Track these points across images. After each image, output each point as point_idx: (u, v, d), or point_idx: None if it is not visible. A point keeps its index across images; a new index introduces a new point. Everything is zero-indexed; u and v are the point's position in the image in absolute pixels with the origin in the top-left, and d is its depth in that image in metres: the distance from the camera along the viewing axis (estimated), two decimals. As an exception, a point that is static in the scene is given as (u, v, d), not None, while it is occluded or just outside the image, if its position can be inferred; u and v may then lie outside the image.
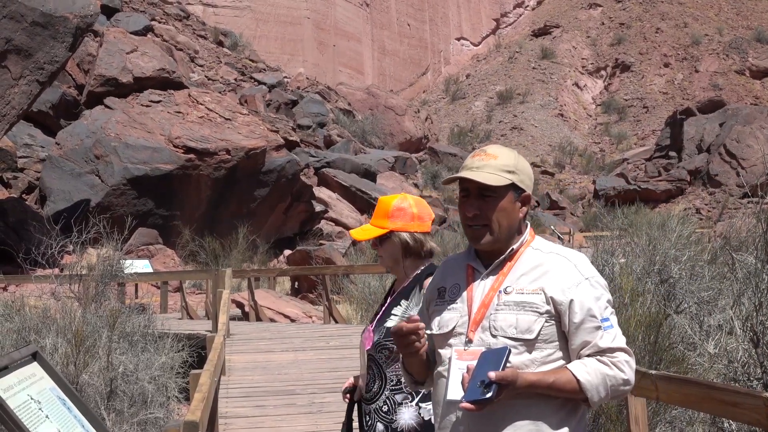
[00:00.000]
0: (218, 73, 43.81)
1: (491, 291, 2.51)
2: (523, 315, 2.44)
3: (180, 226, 25.47)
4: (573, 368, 2.41)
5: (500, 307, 2.46)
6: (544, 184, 58.67)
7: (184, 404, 9.29)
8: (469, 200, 2.51)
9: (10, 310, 10.46)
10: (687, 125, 48.65)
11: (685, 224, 10.48)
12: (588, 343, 2.45)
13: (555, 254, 2.54)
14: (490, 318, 2.46)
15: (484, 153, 2.55)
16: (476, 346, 2.46)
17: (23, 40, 19.84)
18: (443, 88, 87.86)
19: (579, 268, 2.51)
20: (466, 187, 2.52)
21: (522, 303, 2.45)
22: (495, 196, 2.50)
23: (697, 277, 8.31)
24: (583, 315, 2.45)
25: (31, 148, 28.71)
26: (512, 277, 2.51)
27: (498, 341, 2.43)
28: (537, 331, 2.43)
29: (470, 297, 2.54)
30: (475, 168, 2.50)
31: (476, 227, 2.51)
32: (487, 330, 2.46)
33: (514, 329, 2.43)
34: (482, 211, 2.50)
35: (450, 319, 2.55)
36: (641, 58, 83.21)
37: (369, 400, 3.32)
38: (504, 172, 2.50)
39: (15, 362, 3.55)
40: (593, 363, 2.43)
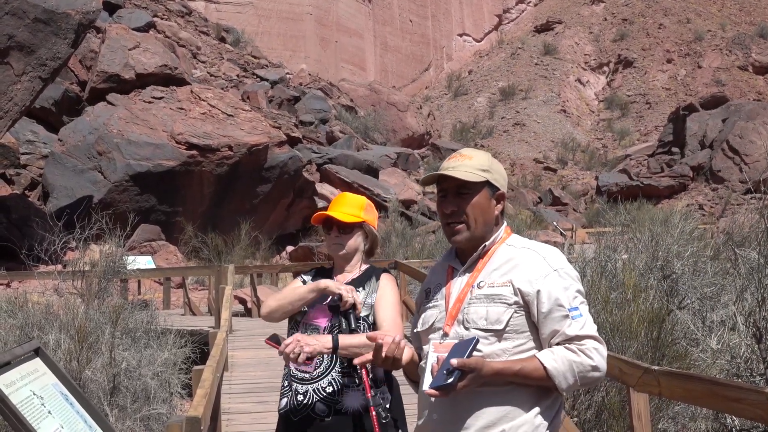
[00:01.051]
0: (220, 69, 43.78)
1: (466, 286, 2.64)
2: (493, 307, 2.56)
3: (182, 223, 25.48)
4: (540, 356, 2.50)
5: (473, 300, 2.59)
6: (546, 180, 58.62)
7: (187, 400, 9.31)
8: (447, 198, 2.65)
9: (13, 306, 10.48)
10: (690, 121, 48.55)
11: (688, 220, 10.46)
12: (557, 331, 2.53)
13: (526, 249, 2.66)
14: (464, 311, 2.60)
15: (459, 155, 2.70)
16: (451, 338, 2.58)
17: (25, 36, 19.83)
18: (445, 84, 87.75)
19: (548, 260, 2.61)
20: (444, 188, 2.66)
21: (492, 295, 2.57)
22: (470, 193, 2.63)
23: (699, 273, 8.30)
24: (551, 305, 2.53)
25: (34, 145, 28.73)
26: (485, 272, 2.64)
27: (470, 333, 2.55)
28: (505, 322, 2.54)
29: (448, 294, 2.67)
30: (451, 168, 2.64)
31: (453, 224, 2.64)
32: (461, 323, 2.59)
33: (484, 320, 2.55)
34: (459, 207, 2.63)
35: (430, 316, 2.70)
36: (644, 54, 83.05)
37: (309, 380, 3.34)
38: (478, 170, 2.64)
39: (17, 358, 3.55)
40: (560, 350, 2.51)
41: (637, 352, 6.28)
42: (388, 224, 27.93)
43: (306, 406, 3.31)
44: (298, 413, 3.33)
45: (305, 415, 3.32)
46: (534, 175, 59.34)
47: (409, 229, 27.68)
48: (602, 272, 7.72)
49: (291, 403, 3.37)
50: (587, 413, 6.57)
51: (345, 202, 3.49)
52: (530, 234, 27.62)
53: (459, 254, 2.74)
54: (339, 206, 3.47)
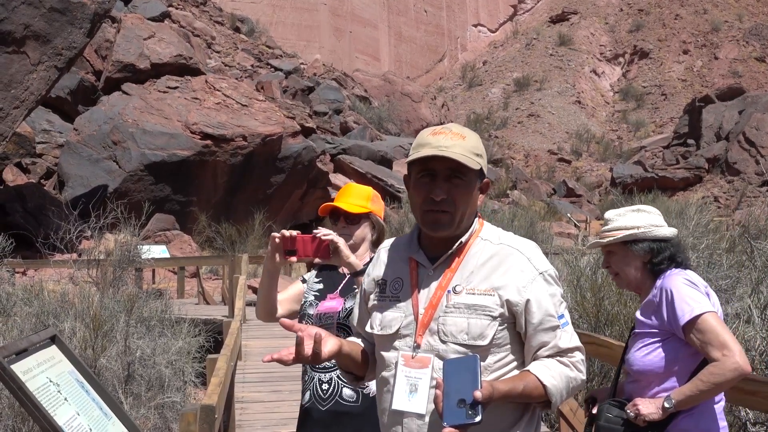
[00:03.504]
0: (235, 59, 43.83)
1: (439, 290, 2.28)
2: (475, 319, 2.23)
3: (197, 212, 25.58)
4: (538, 373, 2.23)
5: (450, 309, 2.24)
6: (560, 172, 58.45)
7: (201, 389, 9.36)
8: (437, 182, 2.25)
9: (29, 294, 10.55)
10: (706, 113, 48.25)
11: (703, 212, 10.42)
12: (546, 343, 2.28)
13: (506, 246, 2.33)
14: (439, 321, 2.24)
15: (450, 131, 2.29)
16: (424, 352, 2.24)
17: (41, 26, 19.90)
18: (460, 75, 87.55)
19: (532, 261, 2.31)
20: (432, 168, 2.26)
21: (474, 306, 2.24)
22: (464, 180, 2.27)
23: (715, 266, 8.27)
24: (542, 315, 2.27)
25: (50, 134, 28.87)
26: (461, 274, 2.30)
27: (448, 348, 2.22)
28: (490, 337, 2.23)
29: (415, 296, 2.31)
30: (444, 147, 2.23)
31: (440, 212, 2.26)
32: (436, 334, 2.24)
33: (465, 335, 2.22)
34: (450, 195, 2.26)
35: (393, 319, 2.31)
36: (660, 45, 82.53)
37: (331, 368, 3.24)
38: (473, 155, 2.27)
39: (34, 345, 3.58)
40: (556, 365, 2.27)
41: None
42: (401, 215, 27.92)
43: (332, 394, 3.23)
44: (325, 403, 3.24)
45: (333, 402, 3.22)
46: (548, 167, 59.19)
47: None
48: (616, 264, 7.69)
49: (315, 394, 3.27)
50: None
51: (352, 192, 3.46)
52: (544, 225, 27.56)
53: (423, 246, 2.36)
54: (346, 197, 3.46)
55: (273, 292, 3.32)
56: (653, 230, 3.28)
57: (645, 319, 3.22)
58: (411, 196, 2.34)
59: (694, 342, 3.05)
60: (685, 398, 3.03)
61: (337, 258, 3.15)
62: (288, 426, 7.22)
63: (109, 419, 3.83)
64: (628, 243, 3.29)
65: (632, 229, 3.30)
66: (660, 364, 3.13)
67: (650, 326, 3.19)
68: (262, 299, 3.32)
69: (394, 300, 2.35)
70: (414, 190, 2.30)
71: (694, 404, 3.05)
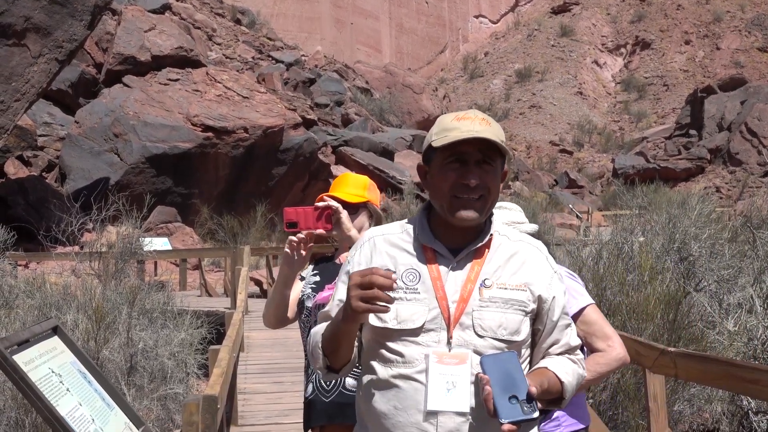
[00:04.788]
0: (236, 51, 43.77)
1: (469, 282, 2.20)
2: (511, 314, 2.19)
3: (198, 204, 25.60)
4: (556, 370, 2.22)
5: (485, 303, 2.18)
6: (562, 163, 58.40)
7: (203, 380, 9.37)
8: (468, 168, 2.19)
9: (32, 286, 10.56)
10: (708, 103, 48.17)
11: (706, 203, 10.41)
12: (558, 341, 2.29)
13: (524, 243, 2.31)
14: (473, 315, 2.17)
15: (475, 116, 2.24)
16: (458, 347, 2.15)
17: (42, 18, 19.87)
18: (461, 66, 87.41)
19: (549, 260, 2.32)
20: (462, 152, 2.19)
21: (509, 300, 2.19)
22: (494, 166, 2.23)
23: (717, 256, 8.26)
24: (560, 313, 2.28)
25: (51, 127, 28.87)
26: (489, 268, 2.23)
27: (486, 342, 2.15)
28: (525, 333, 2.22)
29: (440, 287, 2.19)
30: (476, 131, 2.18)
31: (473, 199, 2.20)
32: (470, 329, 2.16)
33: (503, 330, 2.17)
34: (482, 181, 2.20)
35: (415, 313, 2.18)
36: (662, 36, 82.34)
37: None
38: (501, 140, 2.22)
39: (36, 336, 3.58)
40: (568, 363, 2.27)
41: (653, 334, 6.27)
42: (403, 206, 27.94)
43: (335, 385, 3.21)
44: (328, 394, 3.22)
45: (336, 393, 3.20)
46: (550, 158, 59.14)
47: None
48: (619, 254, 7.70)
49: (318, 386, 3.24)
50: (602, 395, 6.57)
51: (348, 182, 3.44)
52: (546, 217, 27.56)
53: (439, 235, 2.27)
54: (342, 187, 3.44)
55: (286, 300, 3.31)
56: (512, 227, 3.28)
57: None
58: (432, 184, 2.27)
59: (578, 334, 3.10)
60: None
61: (339, 229, 3.15)
62: (290, 417, 7.24)
63: (112, 410, 3.84)
64: None
65: None
66: None
67: None
68: (274, 306, 3.31)
69: (411, 292, 2.20)
70: (440, 177, 2.23)
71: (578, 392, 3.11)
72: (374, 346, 2.23)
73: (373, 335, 2.24)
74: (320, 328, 2.31)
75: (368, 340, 2.27)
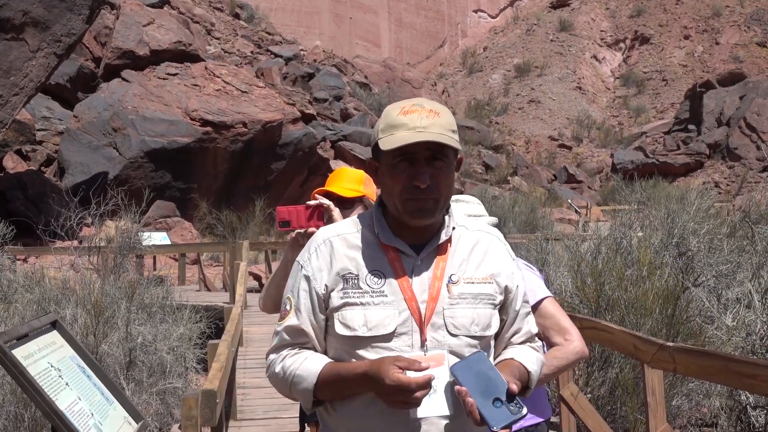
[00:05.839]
0: (234, 45, 43.71)
1: (435, 280, 2.10)
2: (481, 309, 2.12)
3: (197, 199, 25.59)
4: (522, 360, 2.16)
5: (455, 300, 2.09)
6: (561, 158, 58.39)
7: (202, 375, 9.38)
8: (417, 167, 2.06)
9: (31, 281, 10.56)
10: (707, 98, 48.15)
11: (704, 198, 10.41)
12: (520, 329, 2.24)
13: (483, 233, 2.24)
14: (445, 314, 2.08)
15: (422, 108, 2.09)
16: (434, 349, 2.06)
17: (40, 12, 19.84)
18: (460, 61, 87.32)
19: (507, 248, 2.26)
20: (410, 151, 2.06)
21: (478, 295, 2.12)
22: (446, 161, 2.10)
23: (715, 251, 8.27)
24: (521, 301, 2.23)
25: (49, 121, 28.84)
26: (453, 263, 2.14)
27: (460, 341, 2.07)
28: (496, 326, 2.15)
29: (407, 288, 2.09)
30: (421, 128, 2.05)
31: (425, 200, 2.07)
32: (442, 328, 2.07)
33: (476, 326, 2.10)
34: (434, 180, 2.07)
35: (386, 317, 2.06)
36: (661, 30, 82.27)
37: None
38: (451, 132, 2.09)
39: (35, 330, 3.58)
40: (531, 352, 2.22)
41: (651, 329, 6.28)
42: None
43: None
44: None
45: None
46: (549, 153, 59.14)
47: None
48: (617, 249, 7.70)
49: None
50: (601, 389, 6.58)
51: (344, 176, 3.41)
52: (544, 212, 27.55)
53: (399, 233, 2.15)
54: (338, 181, 3.43)
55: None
56: None
57: None
58: (383, 183, 2.14)
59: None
60: None
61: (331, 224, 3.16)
62: (288, 411, 7.25)
63: (111, 404, 3.84)
64: None
65: None
66: None
67: None
68: (275, 288, 3.27)
69: (378, 295, 2.08)
70: (390, 177, 2.10)
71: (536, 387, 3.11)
72: (343, 355, 2.11)
73: (341, 344, 2.11)
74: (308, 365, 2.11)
75: (336, 349, 2.13)
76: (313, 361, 2.12)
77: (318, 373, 2.08)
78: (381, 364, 1.97)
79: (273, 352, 2.21)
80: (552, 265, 9.09)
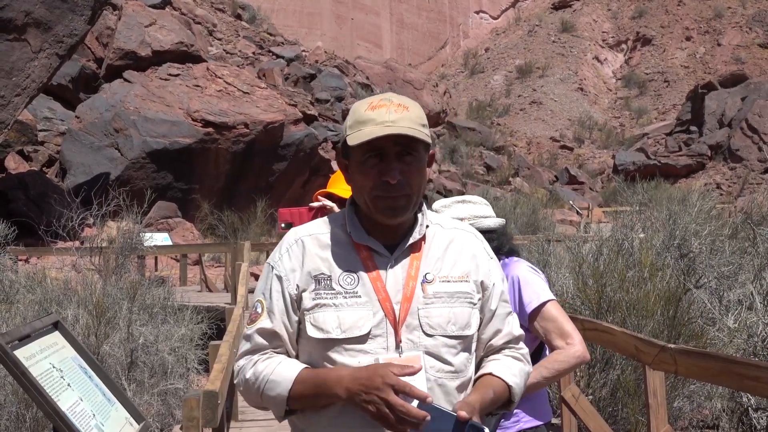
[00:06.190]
0: (236, 46, 43.72)
1: (410, 279, 2.05)
2: (458, 308, 2.06)
3: (199, 200, 25.60)
4: (501, 374, 2.09)
5: (430, 299, 2.04)
6: (563, 159, 58.36)
7: (203, 376, 9.38)
8: (388, 163, 2.02)
9: (32, 281, 10.56)
10: (708, 99, 48.11)
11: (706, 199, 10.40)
12: (500, 330, 2.17)
13: (459, 230, 2.20)
14: (420, 314, 2.02)
15: (390, 102, 2.05)
16: (409, 351, 2.00)
17: (42, 13, 19.85)
18: (462, 62, 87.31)
19: (484, 246, 2.21)
20: (379, 147, 2.02)
21: (454, 293, 2.06)
22: (416, 156, 2.05)
23: (717, 252, 8.27)
24: (499, 301, 2.16)
25: (51, 122, 28.85)
26: (428, 261, 2.09)
27: (437, 341, 2.02)
28: (476, 326, 2.10)
29: (381, 288, 2.03)
30: (390, 122, 2.00)
31: (396, 197, 2.03)
32: (417, 329, 2.01)
33: (453, 325, 2.04)
34: (405, 176, 2.02)
35: (360, 319, 2.00)
36: (663, 32, 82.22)
37: None
38: (421, 127, 2.04)
39: (37, 331, 3.58)
40: (513, 363, 2.16)
41: (653, 331, 6.27)
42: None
43: None
44: None
45: None
46: (550, 154, 59.10)
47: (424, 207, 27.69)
48: (619, 251, 7.70)
49: None
50: (602, 391, 6.58)
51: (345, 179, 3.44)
52: (546, 213, 27.55)
53: (371, 232, 2.10)
54: (340, 182, 3.42)
55: None
56: (476, 222, 3.23)
57: None
58: (354, 181, 2.10)
59: (537, 330, 3.10)
60: (529, 385, 3.09)
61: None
62: (290, 412, 7.23)
63: (112, 405, 3.84)
64: None
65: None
66: None
67: None
68: None
69: (352, 296, 2.02)
70: (360, 174, 2.06)
71: (536, 390, 3.12)
72: (315, 359, 2.04)
73: (314, 347, 2.04)
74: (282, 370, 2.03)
75: (308, 353, 2.07)
76: (287, 366, 2.04)
77: (293, 380, 2.00)
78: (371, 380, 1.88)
79: (243, 357, 2.12)
80: (553, 266, 9.09)
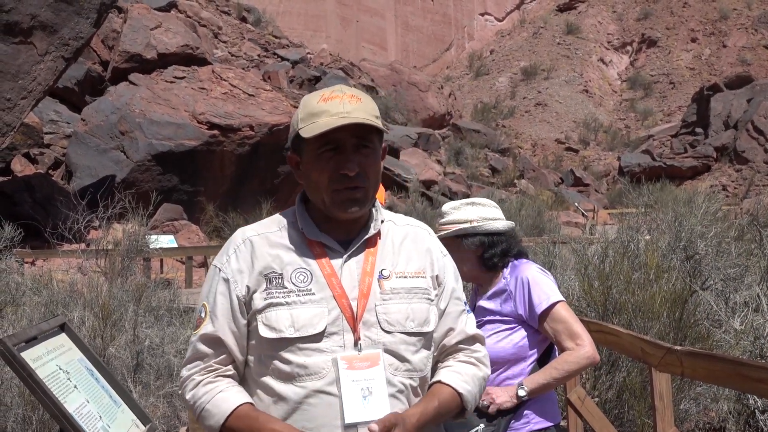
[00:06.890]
0: (241, 49, 43.79)
1: (366, 275, 2.01)
2: (416, 303, 2.03)
3: (204, 202, 25.63)
4: (451, 382, 2.05)
5: (388, 296, 2.00)
6: (568, 161, 58.32)
7: (209, 378, 9.39)
8: (344, 155, 1.98)
9: (38, 284, 10.59)
10: (714, 101, 48.03)
11: (712, 201, 10.39)
12: (453, 329, 2.12)
13: (412, 226, 2.17)
14: (377, 310, 1.98)
15: (344, 94, 2.01)
16: (368, 348, 1.96)
17: (48, 16, 19.91)
18: (467, 64, 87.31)
19: (437, 242, 2.18)
20: (336, 139, 1.98)
21: (412, 289, 2.03)
22: (373, 149, 2.03)
23: (723, 254, 8.25)
24: (449, 298, 2.12)
25: (57, 124, 28.93)
26: (383, 256, 2.06)
27: (395, 338, 1.98)
28: (434, 322, 2.06)
29: (336, 284, 1.98)
30: (346, 113, 1.96)
31: (353, 189, 1.99)
32: (375, 326, 1.97)
33: (411, 322, 2.01)
34: (362, 168, 1.99)
35: (314, 316, 1.95)
36: (668, 33, 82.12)
37: None
38: (375, 118, 2.02)
39: (43, 333, 3.59)
40: (465, 368, 2.10)
41: (659, 333, 6.26)
42: (408, 204, 27.93)
43: None
44: None
45: None
46: (555, 156, 59.06)
47: (429, 209, 27.71)
48: (624, 252, 7.69)
49: None
50: (608, 393, 6.56)
51: None
52: (551, 215, 27.51)
53: (324, 227, 2.06)
54: None
55: None
56: (485, 224, 3.26)
57: (495, 307, 3.25)
58: (307, 176, 2.06)
59: (547, 331, 3.13)
60: (538, 386, 3.10)
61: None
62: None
63: (119, 407, 3.85)
64: (461, 237, 3.29)
65: (464, 223, 3.30)
66: (511, 351, 3.18)
67: (501, 314, 3.23)
68: None
69: (305, 294, 1.97)
70: (315, 169, 2.02)
71: (546, 391, 3.13)
72: (267, 360, 1.99)
73: (265, 348, 1.99)
74: (219, 402, 2.00)
75: (259, 355, 2.01)
76: (225, 398, 2.00)
77: (227, 414, 1.97)
78: None
79: (187, 367, 2.08)
80: (559, 268, 9.08)
